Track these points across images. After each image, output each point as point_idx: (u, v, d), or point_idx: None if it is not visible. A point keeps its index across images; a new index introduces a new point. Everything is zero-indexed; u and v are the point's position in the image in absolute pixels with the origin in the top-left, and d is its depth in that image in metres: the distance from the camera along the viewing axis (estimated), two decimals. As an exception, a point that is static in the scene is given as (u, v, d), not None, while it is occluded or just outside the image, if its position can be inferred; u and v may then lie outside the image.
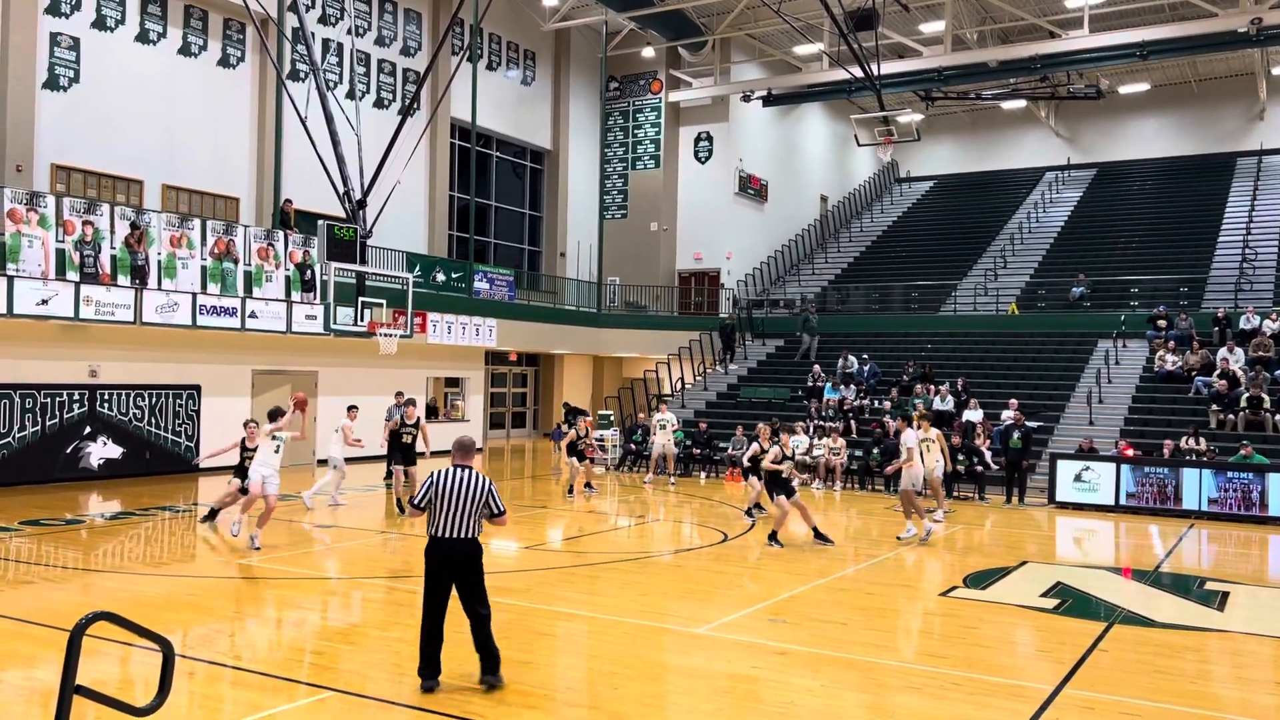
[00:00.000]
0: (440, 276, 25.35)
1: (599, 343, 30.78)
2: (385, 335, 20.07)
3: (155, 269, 18.29)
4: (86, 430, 18.75)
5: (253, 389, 21.78)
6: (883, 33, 26.19)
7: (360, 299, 19.70)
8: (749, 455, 14.85)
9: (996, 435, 19.65)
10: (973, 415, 20.93)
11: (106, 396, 19.10)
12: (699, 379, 28.31)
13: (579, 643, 8.62)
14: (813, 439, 20.87)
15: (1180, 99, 39.12)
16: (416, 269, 23.86)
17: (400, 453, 16.05)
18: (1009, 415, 19.80)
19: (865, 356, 25.33)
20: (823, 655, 8.07)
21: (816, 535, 13.38)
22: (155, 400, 19.89)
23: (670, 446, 21.20)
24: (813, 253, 37.54)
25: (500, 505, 6.99)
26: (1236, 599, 10.87)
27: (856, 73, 24.65)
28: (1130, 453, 18.88)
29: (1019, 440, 18.68)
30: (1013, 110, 40.54)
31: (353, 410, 16.69)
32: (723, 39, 32.52)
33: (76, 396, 18.63)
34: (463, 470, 6.93)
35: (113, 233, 17.69)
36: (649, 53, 32.87)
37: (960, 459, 19.18)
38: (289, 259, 20.70)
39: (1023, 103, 37.46)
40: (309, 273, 20.92)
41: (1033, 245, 33.53)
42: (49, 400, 18.21)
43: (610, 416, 26.49)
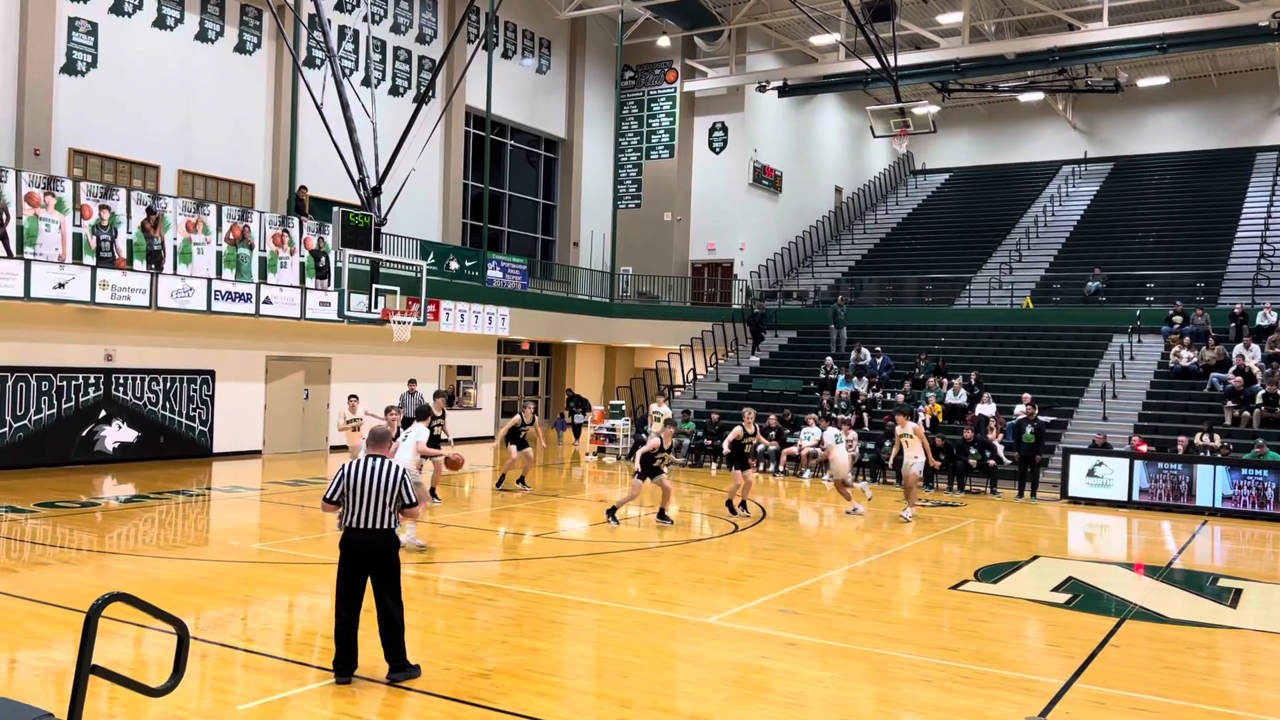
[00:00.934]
0: (454, 264, 25.39)
1: (611, 333, 30.78)
2: (399, 323, 20.09)
3: (171, 254, 18.39)
4: (102, 414, 18.87)
5: (266, 375, 21.90)
6: (900, 24, 26.07)
7: (374, 286, 19.68)
8: (728, 441, 15.38)
9: (1009, 429, 19.59)
10: (986, 409, 20.85)
11: (122, 380, 19.21)
12: (711, 369, 28.29)
13: (589, 631, 8.65)
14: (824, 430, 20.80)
15: (1199, 93, 38.81)
16: (430, 257, 23.90)
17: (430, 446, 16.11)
18: (1022, 409, 19.73)
19: (878, 349, 25.27)
20: (832, 646, 8.08)
21: (660, 515, 14.17)
22: (170, 385, 20.00)
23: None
24: (826, 244, 37.42)
25: (412, 496, 6.87)
26: (1249, 596, 10.83)
27: (873, 64, 24.51)
28: (1144, 448, 18.81)
29: (1032, 435, 18.62)
30: (1030, 103, 40.24)
31: (353, 400, 16.80)
32: (739, 29, 32.41)
33: (92, 380, 18.75)
34: (374, 460, 6.84)
35: (129, 217, 17.79)
36: (664, 42, 32.79)
37: (973, 453, 19.16)
38: (304, 245, 20.79)
39: (1040, 95, 37.19)
40: (323, 259, 21.01)
41: (1048, 239, 33.35)
42: (65, 383, 18.33)
43: (621, 406, 26.51)
